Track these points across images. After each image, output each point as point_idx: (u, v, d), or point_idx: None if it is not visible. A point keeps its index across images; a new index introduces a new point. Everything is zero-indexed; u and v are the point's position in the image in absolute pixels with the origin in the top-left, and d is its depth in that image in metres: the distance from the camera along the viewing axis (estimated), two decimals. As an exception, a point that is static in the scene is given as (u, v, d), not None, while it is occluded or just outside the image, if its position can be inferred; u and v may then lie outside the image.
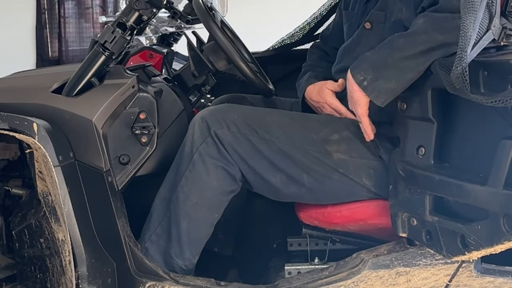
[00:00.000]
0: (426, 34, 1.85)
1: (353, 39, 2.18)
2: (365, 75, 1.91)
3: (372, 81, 1.90)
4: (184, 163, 2.04)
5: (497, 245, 1.71)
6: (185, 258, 2.06)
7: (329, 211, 2.09)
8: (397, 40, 1.90)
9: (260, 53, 2.86)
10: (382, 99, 1.91)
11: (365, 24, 2.13)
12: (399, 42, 1.89)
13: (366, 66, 1.92)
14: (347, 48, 2.20)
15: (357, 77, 1.92)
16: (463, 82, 1.64)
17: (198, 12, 2.21)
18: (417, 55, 1.86)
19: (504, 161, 1.66)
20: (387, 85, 1.89)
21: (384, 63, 1.90)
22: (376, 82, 1.90)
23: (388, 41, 1.93)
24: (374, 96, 1.91)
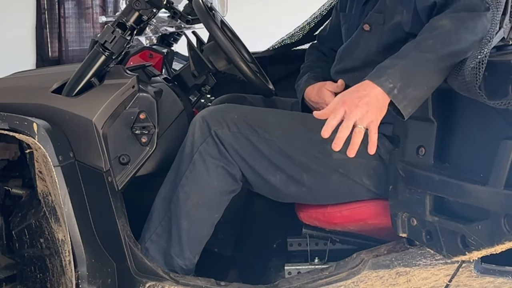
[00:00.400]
0: (457, 34, 1.77)
1: (352, 40, 2.17)
2: (394, 83, 1.73)
3: (403, 89, 1.73)
4: (184, 163, 2.04)
5: (497, 245, 1.71)
6: (186, 258, 2.06)
7: (329, 211, 2.09)
8: (423, 43, 1.79)
9: (260, 53, 2.86)
10: (409, 109, 1.76)
11: (363, 26, 2.11)
12: (427, 44, 1.78)
13: (393, 72, 1.75)
14: (346, 50, 2.19)
15: (385, 85, 1.73)
16: (475, 76, 1.63)
17: (198, 12, 2.21)
18: (450, 56, 1.76)
19: (504, 161, 1.66)
20: (417, 93, 1.75)
21: (414, 68, 1.75)
22: (407, 91, 1.73)
23: (410, 46, 1.81)
24: (403, 106, 1.73)
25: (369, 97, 1.73)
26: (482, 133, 1.76)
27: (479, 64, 1.63)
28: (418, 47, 1.78)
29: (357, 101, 1.73)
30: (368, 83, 1.76)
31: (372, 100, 1.73)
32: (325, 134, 1.73)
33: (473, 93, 1.65)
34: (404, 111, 1.75)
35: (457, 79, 1.70)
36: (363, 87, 1.76)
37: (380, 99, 1.74)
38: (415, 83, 1.74)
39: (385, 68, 1.77)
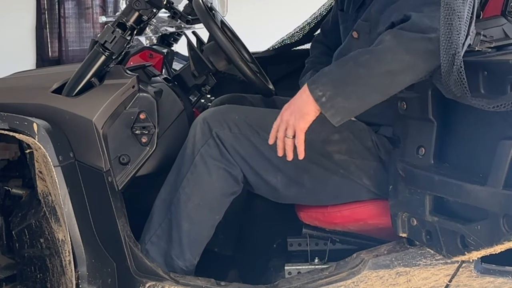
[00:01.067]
0: (393, 53, 1.77)
1: (344, 46, 2.17)
2: (324, 91, 1.79)
3: (331, 98, 1.79)
4: (185, 164, 2.04)
5: (497, 245, 1.71)
6: (186, 259, 2.06)
7: (329, 211, 2.09)
8: (362, 55, 1.81)
9: (260, 53, 2.86)
10: (338, 118, 1.80)
11: (352, 33, 2.11)
12: (364, 58, 1.80)
13: (325, 81, 1.81)
14: (340, 54, 2.18)
15: (315, 92, 1.80)
16: (462, 89, 1.64)
17: (198, 12, 2.21)
18: (382, 75, 1.77)
19: (504, 161, 1.66)
20: (346, 104, 1.79)
21: (345, 80, 1.80)
22: (335, 100, 1.79)
23: (352, 56, 1.84)
24: (331, 114, 1.79)
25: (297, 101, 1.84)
26: (481, 133, 1.76)
27: (460, 78, 1.63)
28: (356, 60, 1.81)
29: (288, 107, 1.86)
30: (305, 89, 1.83)
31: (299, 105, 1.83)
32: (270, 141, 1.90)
33: (469, 102, 1.65)
34: (331, 119, 1.81)
35: (448, 93, 1.71)
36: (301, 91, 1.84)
37: (307, 105, 1.82)
38: (344, 94, 1.78)
39: (321, 75, 1.83)
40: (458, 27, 1.65)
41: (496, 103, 1.60)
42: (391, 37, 1.79)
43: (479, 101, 1.63)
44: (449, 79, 1.67)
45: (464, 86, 1.64)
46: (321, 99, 1.80)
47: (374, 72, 1.78)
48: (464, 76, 1.64)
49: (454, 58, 1.65)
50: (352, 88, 1.79)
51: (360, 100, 1.80)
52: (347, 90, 1.79)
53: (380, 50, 1.79)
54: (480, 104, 1.63)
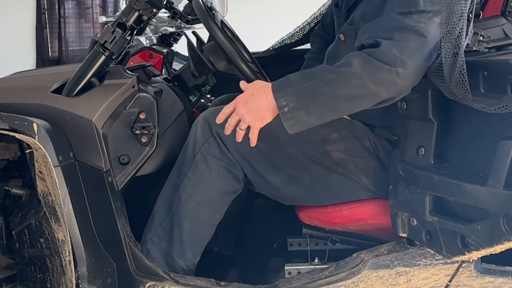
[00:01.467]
0: (360, 80, 1.78)
1: (332, 47, 2.17)
2: (288, 101, 1.82)
3: (293, 110, 1.81)
4: (186, 163, 2.04)
5: (497, 245, 1.71)
6: (187, 258, 2.06)
7: (329, 211, 2.09)
8: (328, 74, 1.82)
9: (260, 53, 2.86)
10: (295, 129, 1.84)
11: (340, 36, 2.11)
12: (330, 77, 1.81)
13: (290, 91, 1.82)
14: (330, 54, 2.19)
15: (279, 101, 1.82)
16: (464, 91, 1.64)
17: (198, 12, 2.21)
18: (345, 98, 1.80)
19: (504, 161, 1.66)
20: (306, 118, 1.82)
21: (309, 95, 1.81)
22: (297, 113, 1.81)
23: (319, 71, 1.85)
24: (289, 124, 1.83)
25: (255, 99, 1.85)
26: (481, 133, 1.76)
27: (460, 76, 1.64)
28: (323, 77, 1.82)
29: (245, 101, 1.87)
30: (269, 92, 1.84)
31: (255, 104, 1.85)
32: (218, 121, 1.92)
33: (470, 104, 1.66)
34: (289, 129, 1.84)
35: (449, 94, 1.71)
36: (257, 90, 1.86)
37: (267, 110, 1.84)
38: (307, 109, 1.81)
39: (287, 84, 1.84)
40: (459, 28, 1.65)
41: (497, 105, 1.60)
42: (359, 62, 1.80)
43: (480, 103, 1.63)
44: (451, 80, 1.67)
45: (466, 88, 1.64)
46: (283, 108, 1.82)
47: (338, 93, 1.80)
48: (466, 78, 1.64)
49: (456, 59, 1.65)
50: (315, 105, 1.82)
51: (319, 117, 1.83)
52: (310, 106, 1.82)
53: (347, 74, 1.80)
54: (481, 106, 1.63)
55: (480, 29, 1.78)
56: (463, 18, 1.66)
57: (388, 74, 1.77)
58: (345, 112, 1.86)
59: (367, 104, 1.81)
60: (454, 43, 1.66)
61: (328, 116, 1.85)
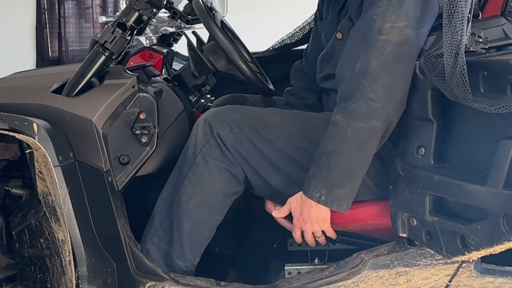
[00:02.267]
0: (351, 128, 1.84)
1: (328, 49, 2.18)
2: (319, 191, 1.89)
3: (328, 194, 1.88)
4: (187, 164, 2.04)
5: (497, 245, 1.70)
6: (186, 259, 2.06)
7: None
8: (328, 144, 1.88)
9: (260, 53, 2.86)
10: (344, 206, 1.90)
11: (336, 35, 2.12)
12: (331, 145, 1.87)
13: (315, 182, 1.89)
14: (324, 58, 2.19)
15: (314, 196, 1.90)
16: (464, 91, 1.64)
17: (198, 12, 2.21)
18: (355, 151, 1.86)
19: (504, 161, 1.66)
20: (343, 191, 1.88)
21: (328, 172, 1.87)
22: (333, 192, 1.88)
23: (321, 148, 1.91)
24: (336, 206, 1.89)
25: (306, 214, 1.94)
26: (481, 133, 1.76)
27: (461, 76, 1.64)
28: (325, 150, 1.89)
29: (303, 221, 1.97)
30: (303, 199, 1.93)
31: (310, 216, 1.94)
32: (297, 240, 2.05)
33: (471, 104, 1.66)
34: (339, 209, 1.91)
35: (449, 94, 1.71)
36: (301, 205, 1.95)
37: (318, 210, 1.92)
38: (337, 184, 1.88)
39: (310, 179, 1.92)
40: (460, 28, 1.65)
41: (497, 105, 1.60)
42: (340, 116, 1.87)
43: (480, 103, 1.63)
44: (451, 80, 1.67)
45: (466, 88, 1.65)
46: (321, 198, 1.90)
47: (347, 153, 1.86)
48: (467, 78, 1.64)
49: (457, 59, 1.65)
50: (339, 176, 1.88)
51: (350, 181, 1.89)
52: (337, 179, 1.88)
53: (339, 132, 1.87)
54: (481, 106, 1.63)
55: (479, 29, 1.78)
56: (464, 18, 1.66)
57: (365, 105, 1.83)
58: (365, 160, 1.89)
59: (374, 142, 1.87)
60: (455, 43, 1.66)
61: (357, 174, 1.90)
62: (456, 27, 1.66)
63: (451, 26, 1.67)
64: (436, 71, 1.74)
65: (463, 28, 1.67)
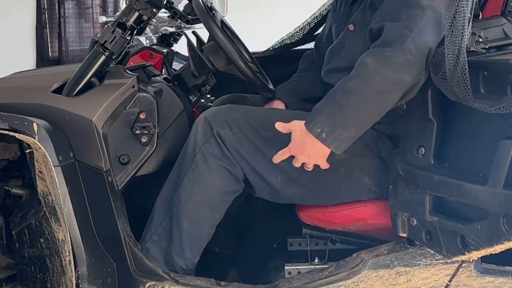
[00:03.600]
0: (380, 74, 1.80)
1: (338, 41, 2.17)
2: (321, 127, 1.84)
3: (331, 132, 1.84)
4: (186, 163, 2.04)
5: (497, 245, 1.71)
6: (186, 258, 2.06)
7: (329, 211, 2.09)
8: (348, 83, 1.85)
9: (260, 53, 2.86)
10: (342, 148, 1.87)
11: (349, 26, 2.12)
12: (351, 85, 1.84)
13: (320, 117, 1.85)
14: (333, 50, 2.19)
15: (314, 130, 1.85)
16: (465, 91, 1.64)
17: (198, 12, 2.21)
18: (373, 96, 1.82)
19: (504, 161, 1.66)
20: (346, 133, 1.84)
21: (339, 111, 1.84)
22: (335, 132, 1.84)
23: (338, 87, 1.87)
24: (334, 146, 1.85)
25: (307, 146, 1.88)
26: (481, 133, 1.76)
27: (462, 76, 1.64)
28: (343, 89, 1.84)
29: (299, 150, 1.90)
30: (302, 130, 1.88)
31: (310, 150, 1.88)
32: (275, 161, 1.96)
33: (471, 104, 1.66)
34: (336, 150, 1.87)
35: (450, 94, 1.71)
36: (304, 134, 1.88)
37: (315, 144, 1.87)
38: (342, 125, 1.83)
39: (315, 112, 1.87)
40: (462, 28, 1.65)
41: (498, 105, 1.60)
42: (372, 59, 1.83)
43: (481, 103, 1.63)
44: (452, 80, 1.67)
45: (467, 88, 1.65)
46: (321, 135, 1.85)
47: (365, 96, 1.82)
48: (468, 77, 1.64)
49: (458, 58, 1.65)
50: (349, 118, 1.84)
51: (358, 126, 1.85)
52: (344, 121, 1.84)
53: (366, 73, 1.83)
54: (482, 106, 1.63)
55: (479, 29, 1.78)
56: (465, 18, 1.66)
57: (403, 56, 1.79)
58: (380, 111, 1.85)
59: (396, 95, 1.81)
60: (456, 42, 1.66)
61: (366, 121, 1.86)
62: (457, 26, 1.66)
63: (452, 26, 1.67)
64: (441, 72, 1.74)
65: (464, 27, 1.67)
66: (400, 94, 1.82)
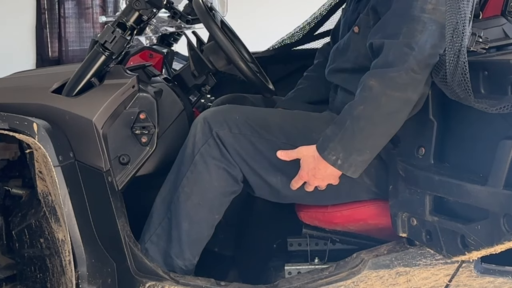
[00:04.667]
0: (386, 96, 1.80)
1: (344, 41, 2.16)
2: (336, 154, 1.86)
3: (346, 159, 1.85)
4: (185, 164, 2.04)
5: (497, 245, 1.71)
6: (185, 258, 2.06)
7: (329, 211, 2.09)
8: (355, 108, 1.84)
9: (260, 53, 2.86)
10: (359, 172, 1.88)
11: (354, 28, 2.11)
12: (359, 110, 1.83)
13: (333, 145, 1.86)
14: (338, 50, 2.18)
15: (329, 158, 1.86)
16: (465, 91, 1.64)
17: (198, 12, 2.21)
18: (383, 119, 1.82)
19: (504, 161, 1.66)
20: (361, 158, 1.86)
21: (351, 137, 1.84)
22: (351, 158, 1.85)
23: (347, 111, 1.87)
24: (352, 172, 1.87)
25: (321, 172, 1.90)
26: (481, 133, 1.76)
27: (463, 75, 1.64)
28: (352, 114, 1.85)
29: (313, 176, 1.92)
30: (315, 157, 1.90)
31: (324, 174, 1.91)
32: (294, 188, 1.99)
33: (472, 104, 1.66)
34: (353, 175, 1.89)
35: (451, 94, 1.71)
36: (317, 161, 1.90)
37: (329, 169, 1.89)
38: (357, 150, 1.85)
39: (327, 139, 1.89)
40: (462, 28, 1.65)
41: (498, 105, 1.60)
42: (376, 81, 1.82)
43: (481, 103, 1.63)
44: (453, 80, 1.67)
45: (468, 88, 1.65)
46: (337, 162, 1.87)
47: (375, 120, 1.83)
48: (468, 77, 1.64)
49: (459, 58, 1.65)
50: (362, 142, 1.85)
51: (371, 149, 1.87)
52: (358, 145, 1.85)
53: (372, 97, 1.83)
54: (482, 106, 1.63)
55: (479, 29, 1.78)
56: (465, 18, 1.66)
57: (406, 75, 1.79)
58: (391, 131, 1.86)
59: (405, 114, 1.83)
60: (457, 43, 1.66)
61: (379, 143, 1.87)
62: (458, 27, 1.66)
63: (453, 25, 1.66)
64: (442, 73, 1.74)
65: (465, 28, 1.67)
66: (409, 111, 1.83)
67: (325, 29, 2.81)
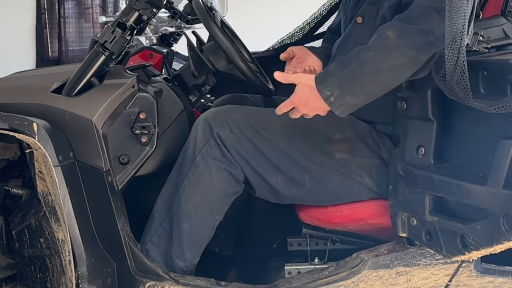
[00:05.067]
0: (399, 50, 1.80)
1: (346, 34, 2.16)
2: (332, 91, 1.84)
3: (340, 98, 1.84)
4: (186, 164, 2.04)
5: (497, 245, 1.71)
6: (186, 259, 2.06)
7: (329, 211, 2.09)
8: (365, 52, 1.84)
9: (260, 53, 2.86)
10: (346, 113, 1.88)
11: (357, 19, 2.11)
12: (368, 55, 1.83)
13: (332, 81, 1.85)
14: (340, 44, 2.18)
15: (323, 92, 1.85)
16: (464, 90, 1.64)
17: (198, 12, 2.21)
18: (388, 70, 1.82)
19: (503, 161, 1.66)
20: (354, 101, 1.85)
21: (352, 79, 1.84)
22: (344, 99, 1.84)
23: (355, 54, 1.86)
24: (340, 111, 1.86)
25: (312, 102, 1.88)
26: (481, 133, 1.76)
27: (461, 74, 1.64)
28: (360, 57, 1.84)
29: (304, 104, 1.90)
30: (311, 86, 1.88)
31: (314, 105, 1.88)
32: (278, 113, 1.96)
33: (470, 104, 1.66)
34: (340, 115, 1.88)
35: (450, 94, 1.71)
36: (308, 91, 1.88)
37: (319, 102, 1.87)
38: (353, 93, 1.84)
39: (327, 74, 1.87)
40: (462, 27, 1.65)
41: (497, 105, 1.60)
42: (394, 33, 1.82)
43: (480, 103, 1.63)
44: (452, 79, 1.67)
45: (467, 88, 1.65)
46: (329, 98, 1.85)
47: (380, 69, 1.82)
48: (467, 76, 1.64)
49: (458, 57, 1.65)
50: (360, 87, 1.84)
51: (366, 96, 1.85)
52: (355, 89, 1.84)
53: (385, 47, 1.82)
54: (481, 106, 1.63)
55: (480, 29, 1.78)
56: (466, 17, 1.66)
57: (425, 37, 1.79)
58: (390, 84, 1.85)
59: (410, 72, 1.82)
60: (457, 42, 1.66)
61: (375, 93, 1.86)
62: (457, 26, 1.66)
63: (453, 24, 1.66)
64: (441, 72, 1.74)
65: (464, 27, 1.67)
66: (414, 70, 1.82)
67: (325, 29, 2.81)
